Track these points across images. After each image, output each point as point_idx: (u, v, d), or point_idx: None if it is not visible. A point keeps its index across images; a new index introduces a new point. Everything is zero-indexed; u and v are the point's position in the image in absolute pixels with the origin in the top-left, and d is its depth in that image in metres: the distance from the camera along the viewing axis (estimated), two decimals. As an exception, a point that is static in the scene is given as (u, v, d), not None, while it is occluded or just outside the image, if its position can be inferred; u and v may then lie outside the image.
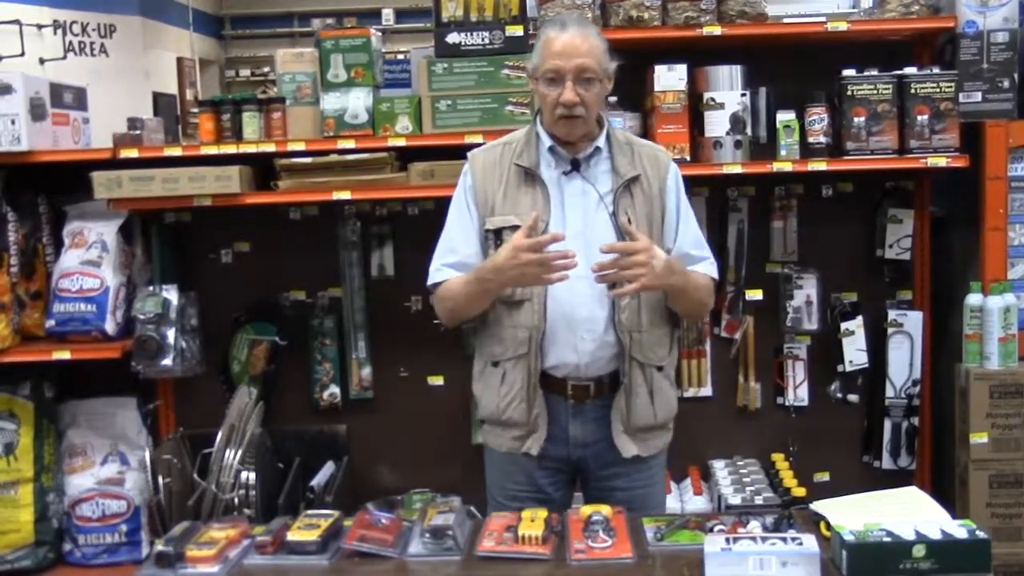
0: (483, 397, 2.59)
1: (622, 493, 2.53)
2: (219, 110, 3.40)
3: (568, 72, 2.40)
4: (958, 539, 1.94)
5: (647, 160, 2.55)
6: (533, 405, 2.49)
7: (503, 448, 2.58)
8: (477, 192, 2.54)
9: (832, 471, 3.71)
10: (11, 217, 3.40)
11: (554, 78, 2.42)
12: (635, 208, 2.48)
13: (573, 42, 2.40)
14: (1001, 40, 3.38)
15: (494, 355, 2.54)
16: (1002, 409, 3.31)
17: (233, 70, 10.61)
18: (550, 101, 2.44)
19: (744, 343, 3.68)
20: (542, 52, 2.45)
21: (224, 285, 3.64)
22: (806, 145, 3.38)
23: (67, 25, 7.60)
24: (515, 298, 2.47)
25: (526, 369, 2.48)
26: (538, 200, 2.48)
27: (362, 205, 3.57)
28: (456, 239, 2.56)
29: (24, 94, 3.29)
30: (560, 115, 2.43)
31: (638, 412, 2.51)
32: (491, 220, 2.51)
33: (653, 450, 2.59)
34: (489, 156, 2.58)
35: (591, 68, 2.41)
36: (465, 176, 2.60)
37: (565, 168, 2.51)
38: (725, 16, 3.38)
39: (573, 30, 2.42)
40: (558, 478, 2.59)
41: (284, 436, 3.51)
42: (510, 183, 2.52)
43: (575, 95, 2.40)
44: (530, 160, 2.51)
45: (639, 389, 2.51)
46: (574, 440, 2.54)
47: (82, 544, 3.46)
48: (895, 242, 3.60)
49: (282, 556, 2.15)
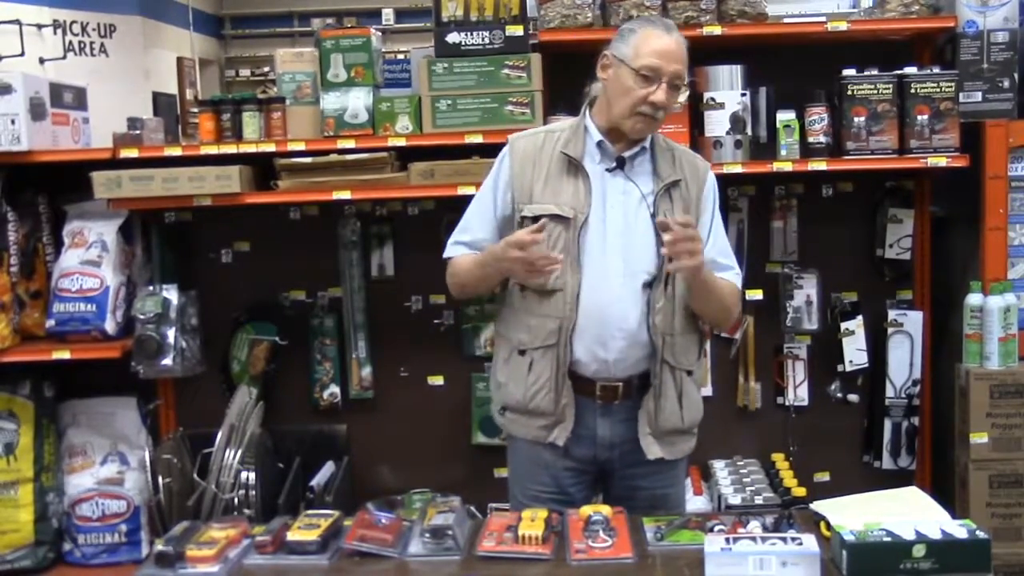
0: (509, 384, 2.57)
1: (644, 492, 2.54)
2: (219, 110, 3.40)
3: (666, 75, 2.41)
4: (958, 539, 1.94)
5: (687, 166, 2.57)
6: (561, 395, 2.49)
7: (528, 436, 2.56)
8: (515, 178, 2.54)
9: (832, 471, 3.71)
10: (11, 217, 3.40)
11: (649, 76, 2.42)
12: (673, 212, 2.48)
13: (674, 48, 2.44)
14: (1001, 40, 3.38)
15: (521, 343, 2.53)
16: (1002, 409, 3.31)
17: (233, 70, 10.61)
18: (636, 97, 2.42)
19: (744, 343, 3.69)
20: (639, 46, 2.43)
21: (224, 285, 3.64)
22: (806, 145, 3.38)
23: (67, 25, 7.60)
24: (547, 287, 2.47)
25: (555, 360, 2.48)
26: (580, 191, 2.48)
27: (362, 205, 3.57)
28: (473, 221, 2.60)
29: (24, 94, 3.29)
30: (643, 113, 2.43)
31: (666, 415, 2.51)
32: (529, 207, 2.50)
33: (679, 454, 2.59)
34: (530, 142, 2.57)
35: (683, 76, 2.45)
36: (503, 160, 2.59)
37: (609, 165, 2.51)
38: (725, 16, 3.38)
39: (677, 36, 2.47)
40: (583, 479, 2.59)
41: (284, 436, 3.52)
42: (552, 171, 2.51)
43: (667, 98, 2.42)
44: (577, 151, 2.51)
45: (668, 392, 2.51)
46: (601, 441, 2.54)
47: (82, 544, 3.46)
48: (895, 242, 3.60)
49: (282, 556, 2.15)
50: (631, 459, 2.55)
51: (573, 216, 2.45)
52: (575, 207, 2.46)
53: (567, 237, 2.45)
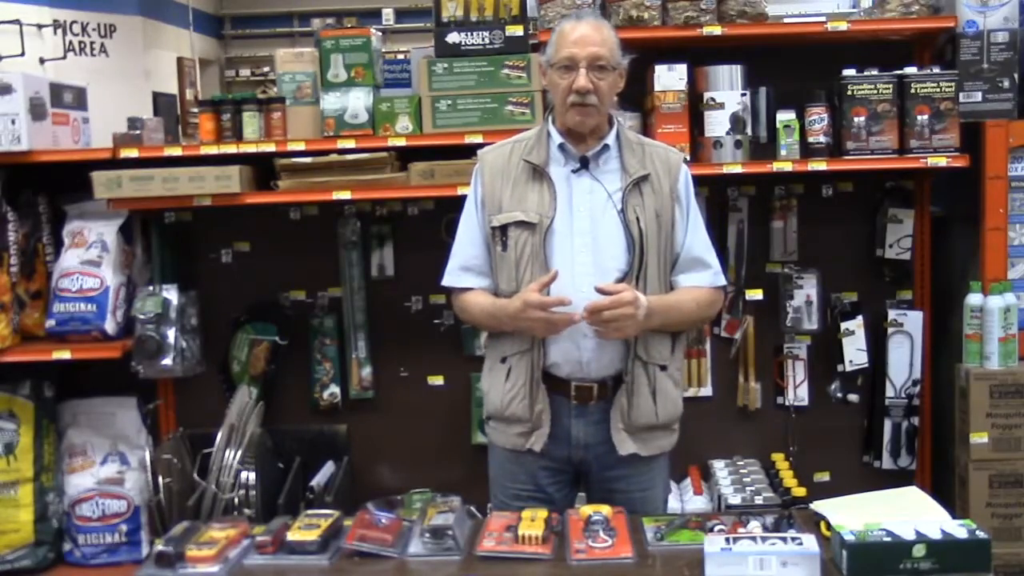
0: (489, 392, 2.61)
1: (621, 495, 2.53)
2: (219, 110, 3.40)
3: (582, 59, 2.44)
4: (958, 539, 1.94)
5: (658, 160, 2.56)
6: (536, 401, 2.50)
7: (507, 445, 2.59)
8: (485, 193, 2.57)
9: (832, 471, 3.71)
10: (11, 217, 3.40)
11: (568, 66, 2.45)
12: (644, 207, 2.49)
13: (588, 32, 2.46)
14: (1001, 40, 3.38)
15: (503, 351, 2.55)
16: (1002, 409, 3.31)
17: (233, 70, 10.61)
18: (563, 88, 2.46)
19: (744, 343, 3.69)
20: (557, 42, 2.49)
21: (224, 285, 3.64)
22: (806, 145, 3.38)
23: (67, 25, 7.59)
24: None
25: (529, 365, 2.50)
26: (545, 197, 2.50)
27: (362, 205, 3.57)
28: (464, 243, 2.62)
29: (24, 94, 3.29)
30: (573, 102, 2.45)
31: (640, 410, 2.52)
32: (497, 217, 2.53)
33: (655, 451, 2.59)
34: (499, 154, 2.60)
35: (604, 57, 2.46)
36: (476, 177, 2.63)
37: (574, 166, 2.52)
38: (725, 16, 3.38)
39: (589, 21, 2.51)
40: (560, 478, 2.60)
41: (284, 436, 3.52)
42: (518, 180, 2.53)
43: (588, 82, 2.43)
44: (539, 157, 2.53)
45: (641, 388, 2.51)
46: (576, 441, 2.54)
47: (82, 544, 3.46)
48: (895, 242, 3.60)
49: (282, 556, 2.15)
50: (606, 460, 2.55)
51: (538, 221, 2.47)
52: (540, 212, 2.48)
53: (534, 242, 2.47)
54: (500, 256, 2.53)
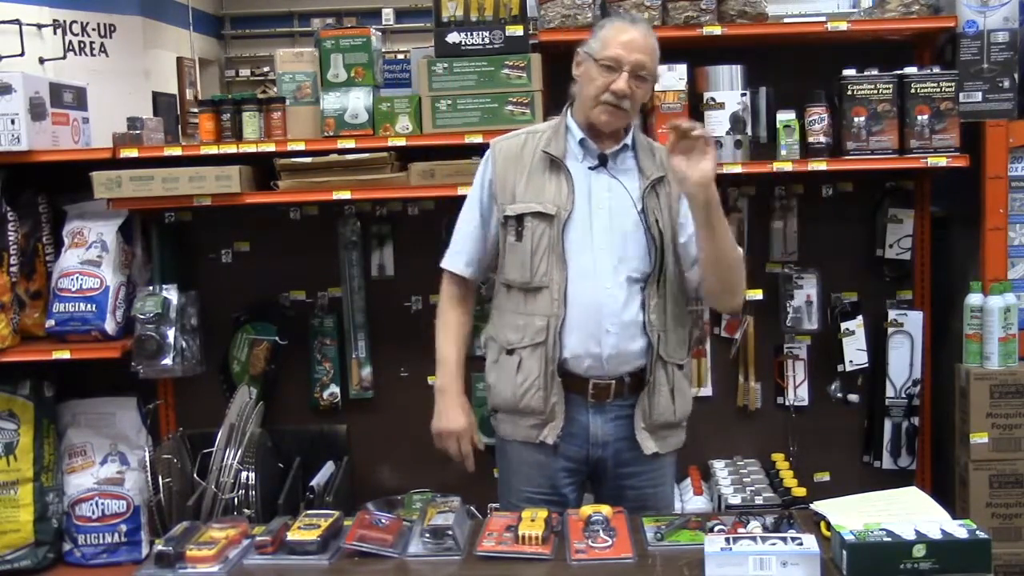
0: (497, 385, 2.58)
1: (634, 492, 2.54)
2: (219, 110, 3.40)
3: (627, 64, 2.44)
4: (958, 539, 1.94)
5: (668, 163, 2.56)
6: (551, 394, 2.49)
7: (518, 437, 2.57)
8: (496, 182, 2.57)
9: (832, 471, 3.71)
10: (11, 217, 3.40)
11: (612, 66, 2.45)
12: (661, 209, 2.51)
13: (637, 38, 2.47)
14: (1001, 40, 3.38)
15: (510, 343, 2.54)
16: (1002, 409, 3.31)
17: (233, 70, 10.61)
18: (599, 86, 2.46)
19: (744, 343, 3.68)
20: (604, 39, 2.48)
21: (224, 285, 3.64)
22: (806, 145, 3.38)
23: (67, 25, 7.60)
24: (532, 285, 2.48)
25: (543, 358, 2.48)
26: (563, 189, 2.49)
27: (362, 205, 3.57)
28: (462, 232, 2.64)
29: (24, 94, 3.29)
30: (607, 101, 2.45)
31: (660, 409, 2.53)
32: (512, 207, 2.52)
33: (670, 447, 2.61)
34: (512, 144, 2.60)
35: (647, 67, 2.47)
36: (485, 165, 2.62)
37: (592, 163, 2.53)
38: (725, 16, 3.38)
39: (641, 27, 2.52)
40: (576, 479, 2.60)
41: (284, 436, 3.52)
42: (533, 170, 2.53)
43: (628, 87, 2.44)
44: (558, 149, 2.53)
45: (662, 388, 2.53)
46: (594, 439, 2.54)
47: (82, 544, 3.46)
48: (895, 242, 3.60)
49: (282, 556, 2.15)
50: (623, 457, 2.55)
51: (556, 213, 2.47)
52: (558, 204, 2.48)
53: (551, 234, 2.47)
54: (512, 245, 2.52)
